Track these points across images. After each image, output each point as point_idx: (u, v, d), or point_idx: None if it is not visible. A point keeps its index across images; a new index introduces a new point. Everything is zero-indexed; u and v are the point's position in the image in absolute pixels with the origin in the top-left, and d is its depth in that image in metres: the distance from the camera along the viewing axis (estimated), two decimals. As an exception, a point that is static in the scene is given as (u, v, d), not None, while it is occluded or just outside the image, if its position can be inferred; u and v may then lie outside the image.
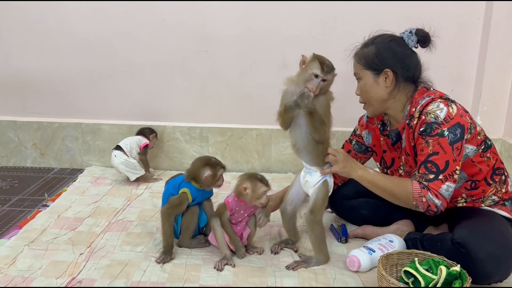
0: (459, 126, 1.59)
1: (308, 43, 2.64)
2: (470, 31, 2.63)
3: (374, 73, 1.71)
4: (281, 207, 1.85)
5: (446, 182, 1.57)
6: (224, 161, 2.80)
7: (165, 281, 1.61)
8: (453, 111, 1.60)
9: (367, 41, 1.75)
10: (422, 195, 1.57)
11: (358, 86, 1.78)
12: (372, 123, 1.93)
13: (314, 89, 1.58)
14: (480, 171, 1.69)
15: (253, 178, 1.73)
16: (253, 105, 2.78)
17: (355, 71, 1.78)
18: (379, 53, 1.69)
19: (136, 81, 2.77)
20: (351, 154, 2.00)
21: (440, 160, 1.57)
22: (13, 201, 2.34)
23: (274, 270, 1.70)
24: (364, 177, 1.68)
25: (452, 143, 1.57)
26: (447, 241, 1.57)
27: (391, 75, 1.69)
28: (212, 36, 2.68)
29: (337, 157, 1.66)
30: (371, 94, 1.74)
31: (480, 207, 1.74)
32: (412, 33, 1.69)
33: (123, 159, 2.50)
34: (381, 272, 1.45)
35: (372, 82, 1.72)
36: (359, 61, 1.74)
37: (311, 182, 1.71)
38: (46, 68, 2.76)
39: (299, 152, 1.70)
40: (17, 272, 1.63)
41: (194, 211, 1.83)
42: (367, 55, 1.71)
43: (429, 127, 1.60)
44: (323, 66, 1.59)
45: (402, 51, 1.69)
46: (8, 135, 2.85)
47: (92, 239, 1.90)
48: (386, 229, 1.88)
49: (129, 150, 2.53)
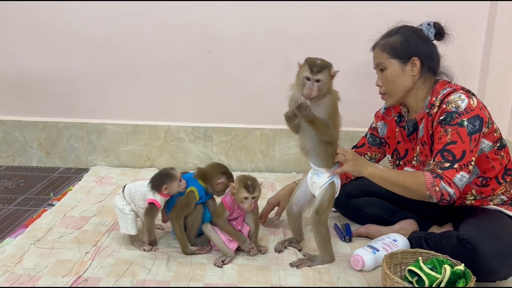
0: (478, 118, 1.60)
1: (312, 43, 2.64)
2: (474, 32, 2.63)
3: (401, 61, 1.71)
4: (287, 207, 1.85)
5: (461, 171, 1.57)
6: (228, 160, 2.85)
7: (170, 279, 1.62)
8: (474, 103, 1.62)
9: (390, 31, 1.75)
10: (435, 185, 1.57)
11: (381, 76, 1.77)
12: (389, 115, 1.93)
13: (310, 92, 1.57)
14: (493, 169, 1.70)
15: (241, 180, 1.75)
16: (257, 105, 2.79)
17: (378, 61, 1.76)
18: (407, 41, 1.70)
19: (140, 81, 2.79)
20: (365, 147, 2.03)
21: (457, 149, 1.58)
22: (19, 200, 2.35)
23: (279, 269, 1.70)
24: (375, 173, 1.67)
25: (470, 134, 1.58)
26: (452, 238, 1.58)
27: (419, 63, 1.70)
28: (216, 36, 2.69)
29: (347, 156, 1.66)
30: (397, 84, 1.73)
31: (487, 206, 1.75)
32: (430, 25, 1.72)
33: (119, 204, 1.83)
34: (385, 271, 1.46)
35: (399, 71, 1.72)
36: (384, 50, 1.73)
37: (318, 183, 1.72)
38: (52, 68, 2.78)
39: (308, 154, 1.71)
40: (23, 270, 1.65)
41: (199, 210, 1.84)
42: (393, 44, 1.71)
43: (449, 116, 1.61)
44: (312, 68, 1.58)
45: (426, 41, 1.72)
46: (13, 134, 2.87)
47: (98, 238, 1.91)
48: (390, 228, 1.89)
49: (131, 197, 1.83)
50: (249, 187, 1.73)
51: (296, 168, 2.83)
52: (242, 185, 1.73)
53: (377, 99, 1.89)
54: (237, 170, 2.82)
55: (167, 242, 1.90)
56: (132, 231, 1.82)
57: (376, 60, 1.77)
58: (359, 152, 2.04)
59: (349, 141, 2.73)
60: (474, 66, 2.68)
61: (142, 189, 1.81)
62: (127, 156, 2.87)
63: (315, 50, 2.64)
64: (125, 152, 2.86)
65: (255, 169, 2.85)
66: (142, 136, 2.84)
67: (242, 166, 2.85)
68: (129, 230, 1.82)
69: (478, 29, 2.62)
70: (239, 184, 1.74)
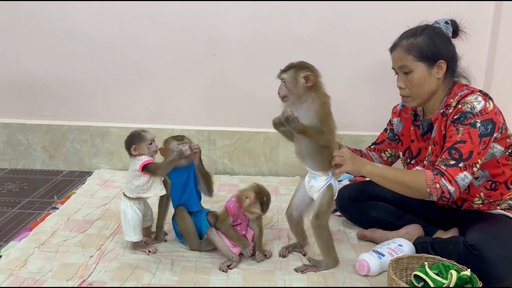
0: (491, 122, 1.60)
1: (316, 47, 2.64)
2: (478, 36, 2.62)
3: (428, 64, 1.66)
4: (287, 212, 1.84)
5: (465, 171, 1.56)
6: (231, 164, 2.85)
7: (175, 284, 1.62)
8: (490, 106, 1.62)
9: (414, 31, 1.69)
10: (435, 181, 1.56)
11: (404, 79, 1.71)
12: (406, 113, 1.92)
13: (278, 92, 1.60)
14: (503, 174, 1.70)
15: (258, 196, 1.72)
16: (260, 108, 2.79)
17: (402, 63, 1.69)
18: (434, 44, 1.66)
19: (144, 85, 2.79)
20: (385, 143, 2.00)
21: (465, 149, 1.57)
22: (23, 203, 2.35)
23: (283, 273, 1.70)
24: (374, 171, 1.66)
25: (481, 136, 1.58)
26: (459, 244, 1.58)
27: (445, 66, 1.67)
28: (220, 39, 2.69)
29: (344, 156, 1.64)
30: (423, 87, 1.69)
31: (493, 211, 1.75)
32: (448, 24, 1.70)
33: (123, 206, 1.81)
34: (391, 276, 1.45)
35: (426, 75, 1.68)
36: (410, 52, 1.67)
37: (316, 187, 1.71)
38: (55, 71, 2.78)
39: (304, 159, 1.70)
40: (28, 274, 1.65)
41: (182, 213, 1.83)
42: (420, 46, 1.66)
43: (463, 115, 1.60)
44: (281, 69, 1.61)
45: (450, 42, 1.70)
46: (17, 137, 2.87)
47: (102, 241, 1.91)
48: (395, 233, 1.88)
49: (132, 189, 1.79)
50: (264, 206, 1.72)
51: (300, 172, 2.82)
52: (258, 201, 1.71)
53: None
54: (240, 173, 2.82)
55: (172, 246, 1.89)
56: (136, 236, 1.80)
57: (400, 63, 1.70)
58: (379, 148, 2.02)
59: (353, 145, 2.72)
60: (479, 69, 2.67)
61: (129, 173, 1.80)
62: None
63: (319, 54, 2.67)
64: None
65: (258, 172, 2.84)
66: (145, 139, 2.84)
67: (245, 170, 2.85)
68: (131, 236, 1.80)
69: (483, 32, 2.62)
70: (255, 198, 1.72)
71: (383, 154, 2.03)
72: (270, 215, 2.12)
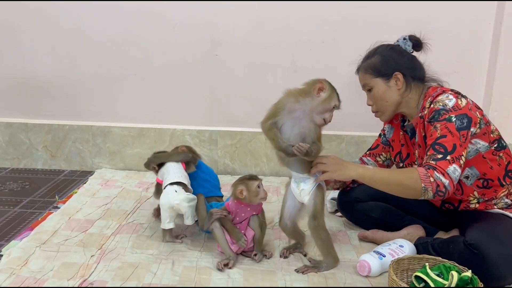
0: (466, 117, 1.63)
1: (318, 48, 2.64)
2: (480, 37, 2.62)
3: (384, 79, 1.78)
4: (281, 225, 1.85)
5: (453, 164, 1.57)
6: (233, 164, 2.85)
7: (176, 283, 1.62)
8: (462, 103, 1.65)
9: (368, 54, 1.84)
10: (428, 175, 1.56)
11: (370, 96, 1.85)
12: (396, 119, 1.95)
13: (330, 119, 1.65)
14: (491, 169, 1.71)
15: (243, 179, 1.76)
16: (262, 109, 2.74)
17: (364, 82, 1.84)
18: (385, 60, 1.78)
19: (146, 85, 2.79)
20: (379, 148, 2.04)
21: (448, 143, 1.59)
22: (24, 202, 2.36)
23: (284, 274, 1.70)
24: (365, 174, 1.66)
25: (459, 129, 1.60)
26: (459, 243, 1.59)
27: (401, 76, 1.76)
28: (223, 40, 2.69)
29: (326, 162, 1.66)
30: (385, 100, 1.79)
31: (492, 210, 1.75)
32: (406, 39, 1.80)
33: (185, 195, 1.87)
34: (392, 277, 1.45)
35: (385, 88, 1.79)
36: (367, 72, 1.81)
37: (307, 190, 1.73)
38: (58, 71, 2.79)
39: (289, 164, 1.72)
40: (29, 273, 1.65)
41: (200, 199, 1.90)
42: (374, 64, 1.79)
43: (437, 113, 1.65)
44: (338, 97, 1.66)
45: (404, 55, 1.79)
46: (19, 137, 2.88)
47: (103, 241, 1.91)
48: (396, 234, 1.88)
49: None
50: (253, 176, 1.76)
51: (301, 172, 2.82)
52: (247, 180, 1.75)
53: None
54: (241, 174, 2.79)
55: (172, 246, 1.89)
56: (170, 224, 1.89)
57: (362, 82, 1.85)
58: (374, 153, 2.05)
59: (355, 146, 2.73)
60: (480, 71, 2.67)
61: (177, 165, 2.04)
62: (132, 159, 2.87)
63: (321, 55, 2.67)
64: (130, 155, 2.87)
65: (260, 173, 2.84)
66: (147, 139, 2.84)
67: (247, 170, 2.84)
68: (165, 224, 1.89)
69: (485, 34, 2.61)
70: (244, 182, 1.74)
71: (378, 158, 2.05)
72: (270, 215, 2.12)
